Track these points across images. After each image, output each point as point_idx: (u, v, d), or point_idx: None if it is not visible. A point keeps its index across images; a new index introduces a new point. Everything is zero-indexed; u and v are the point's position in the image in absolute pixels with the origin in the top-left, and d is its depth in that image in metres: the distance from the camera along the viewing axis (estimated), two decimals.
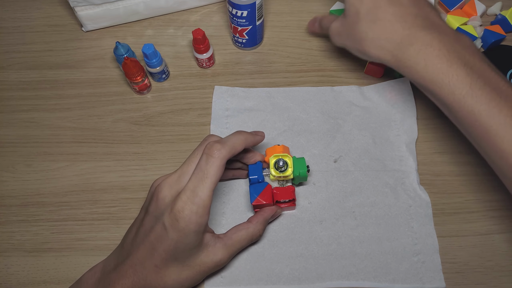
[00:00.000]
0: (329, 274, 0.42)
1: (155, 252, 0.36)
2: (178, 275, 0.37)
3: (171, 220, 0.35)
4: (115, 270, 0.38)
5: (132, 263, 0.37)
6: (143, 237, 0.37)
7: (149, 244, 0.37)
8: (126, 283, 0.37)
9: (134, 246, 0.38)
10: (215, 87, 0.52)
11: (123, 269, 0.37)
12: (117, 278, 0.37)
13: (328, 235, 0.44)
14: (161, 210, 0.37)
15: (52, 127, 0.51)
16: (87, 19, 0.55)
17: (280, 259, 0.43)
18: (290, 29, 0.58)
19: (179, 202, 0.35)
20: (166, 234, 0.36)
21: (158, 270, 0.37)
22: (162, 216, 0.36)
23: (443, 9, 0.58)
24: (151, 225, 0.37)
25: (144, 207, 0.40)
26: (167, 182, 0.37)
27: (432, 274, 0.42)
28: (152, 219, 0.37)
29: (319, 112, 0.51)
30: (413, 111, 0.50)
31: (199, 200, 0.35)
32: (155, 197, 0.38)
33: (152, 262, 0.37)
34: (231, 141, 0.37)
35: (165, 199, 0.37)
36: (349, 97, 0.51)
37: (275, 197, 0.42)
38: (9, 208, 0.46)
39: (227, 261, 0.40)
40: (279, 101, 0.51)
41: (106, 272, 0.39)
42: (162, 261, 0.36)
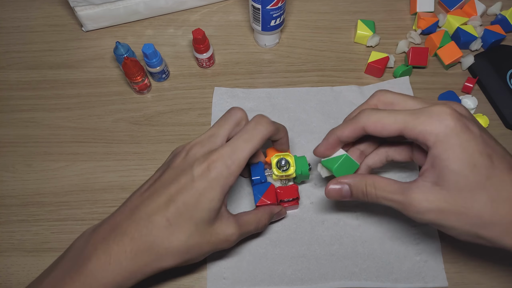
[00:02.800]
0: (332, 274, 0.42)
1: (171, 204, 0.34)
2: (187, 238, 0.34)
3: (201, 170, 0.34)
4: (109, 228, 0.35)
5: (136, 217, 0.34)
6: (159, 188, 0.35)
7: (166, 195, 0.34)
8: (124, 240, 0.33)
9: (143, 199, 0.35)
10: (215, 88, 0.52)
11: (122, 226, 0.34)
12: (111, 235, 0.34)
13: (330, 235, 0.44)
14: (190, 162, 0.35)
15: (52, 127, 0.51)
16: (87, 19, 0.55)
17: (283, 260, 0.43)
18: (290, 29, 0.58)
19: (216, 154, 0.34)
20: (191, 184, 0.34)
21: (168, 225, 0.34)
22: (191, 167, 0.34)
23: (443, 9, 0.58)
24: (173, 177, 0.35)
25: (162, 168, 0.38)
26: (197, 142, 0.36)
27: (435, 274, 0.42)
28: (176, 172, 0.35)
29: (320, 112, 0.50)
30: None
31: (236, 158, 0.34)
32: (183, 153, 0.36)
33: (164, 215, 0.34)
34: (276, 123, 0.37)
35: (196, 154, 0.35)
36: (349, 97, 0.51)
37: (279, 197, 0.42)
38: (9, 208, 0.46)
39: (235, 240, 0.38)
40: (279, 102, 0.51)
41: (97, 231, 0.35)
42: (177, 215, 0.34)
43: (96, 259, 0.33)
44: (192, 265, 0.43)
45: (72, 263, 0.34)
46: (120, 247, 0.33)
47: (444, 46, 0.53)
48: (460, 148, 0.30)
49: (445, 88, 0.52)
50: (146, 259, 0.34)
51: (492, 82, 0.52)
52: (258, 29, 0.53)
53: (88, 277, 0.33)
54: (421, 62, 0.52)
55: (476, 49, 0.55)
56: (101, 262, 0.33)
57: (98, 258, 0.33)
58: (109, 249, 0.33)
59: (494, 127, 0.50)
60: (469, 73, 0.54)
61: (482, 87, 0.52)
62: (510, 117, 0.50)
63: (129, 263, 0.33)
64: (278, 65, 0.55)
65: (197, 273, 0.43)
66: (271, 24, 0.51)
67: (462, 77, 0.54)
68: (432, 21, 0.55)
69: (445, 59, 0.53)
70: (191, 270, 0.43)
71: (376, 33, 0.56)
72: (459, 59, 0.53)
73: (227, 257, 0.43)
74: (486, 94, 0.52)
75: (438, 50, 0.53)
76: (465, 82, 0.52)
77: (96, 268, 0.33)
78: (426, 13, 0.56)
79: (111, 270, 0.33)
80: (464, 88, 0.52)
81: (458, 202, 0.31)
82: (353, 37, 0.57)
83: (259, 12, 0.50)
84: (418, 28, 0.56)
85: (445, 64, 0.53)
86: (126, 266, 0.33)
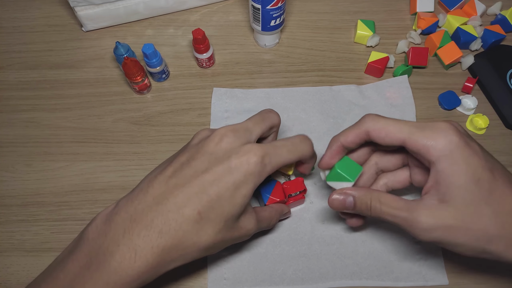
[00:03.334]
0: (332, 274, 0.42)
1: (204, 196, 0.31)
2: (215, 233, 0.33)
3: (240, 163, 0.32)
4: (129, 218, 0.32)
5: (164, 209, 0.31)
6: (190, 177, 0.32)
7: (199, 186, 0.32)
8: (150, 235, 0.31)
9: (171, 188, 0.32)
10: (214, 89, 0.52)
11: (146, 217, 0.31)
12: (135, 229, 0.31)
13: (330, 235, 0.44)
14: (226, 151, 0.33)
15: (52, 127, 0.51)
16: (87, 19, 0.55)
17: (283, 260, 0.43)
18: (290, 29, 0.58)
19: (258, 149, 0.33)
20: (227, 176, 0.32)
21: (199, 219, 0.32)
22: (228, 157, 0.32)
23: (443, 9, 0.58)
24: (207, 165, 0.32)
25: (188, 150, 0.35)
26: (231, 129, 0.34)
27: (435, 272, 0.42)
28: (209, 159, 0.33)
29: (319, 111, 0.51)
30: (412, 110, 0.50)
31: (275, 161, 0.33)
32: (215, 138, 0.33)
33: (196, 208, 0.31)
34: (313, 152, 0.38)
35: (232, 143, 0.33)
36: (348, 96, 0.51)
37: (286, 192, 0.42)
38: (9, 208, 0.46)
39: (251, 234, 0.37)
40: (278, 102, 0.51)
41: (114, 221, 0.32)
42: (209, 208, 0.32)
43: (120, 256, 0.31)
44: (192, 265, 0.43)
45: (90, 258, 0.31)
46: (146, 243, 0.31)
47: (444, 46, 0.53)
48: (464, 163, 0.30)
49: (445, 88, 0.52)
50: (173, 254, 0.32)
51: (492, 82, 0.52)
52: (258, 29, 0.53)
53: (112, 275, 0.31)
54: (421, 62, 0.52)
55: (476, 49, 0.55)
56: (125, 259, 0.31)
57: (122, 255, 0.31)
58: (133, 245, 0.31)
59: (494, 127, 0.50)
60: (469, 73, 0.54)
61: (482, 87, 0.52)
62: (510, 117, 0.50)
63: (156, 259, 0.31)
64: (278, 65, 0.55)
65: (197, 273, 0.43)
66: (271, 24, 0.51)
67: (462, 77, 0.54)
68: (432, 21, 0.55)
69: (445, 59, 0.53)
70: (191, 270, 0.43)
71: (376, 33, 0.56)
72: (459, 59, 0.53)
73: (228, 257, 0.43)
74: (486, 94, 0.52)
75: (438, 50, 0.53)
76: (465, 82, 0.52)
77: (121, 267, 0.31)
78: (426, 13, 0.56)
79: (137, 268, 0.31)
80: (464, 88, 0.52)
81: (465, 217, 0.30)
82: (353, 37, 0.57)
83: (259, 12, 0.50)
84: (418, 28, 0.56)
85: (445, 64, 0.53)
86: (153, 262, 0.31)
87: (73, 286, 0.31)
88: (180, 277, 0.43)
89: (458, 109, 0.51)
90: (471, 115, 0.51)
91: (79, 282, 0.31)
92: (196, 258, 0.34)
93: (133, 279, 0.31)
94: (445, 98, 0.51)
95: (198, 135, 0.36)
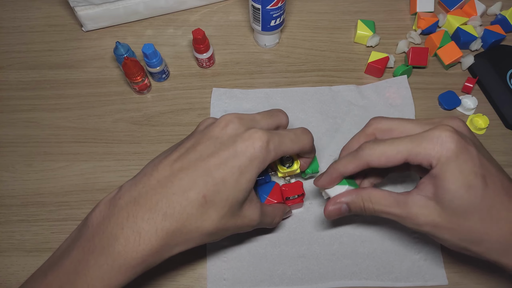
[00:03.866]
0: (332, 274, 0.42)
1: (209, 180, 0.31)
2: (219, 219, 0.32)
3: (245, 147, 0.32)
4: (133, 201, 0.32)
5: (168, 192, 0.31)
6: (196, 161, 0.32)
7: (204, 170, 0.32)
8: (155, 218, 0.31)
9: (175, 171, 0.32)
10: (213, 89, 0.52)
11: (151, 200, 0.31)
12: (139, 212, 0.31)
13: (330, 235, 0.44)
14: (231, 135, 0.33)
15: (52, 127, 0.51)
16: (87, 19, 0.55)
17: (283, 260, 0.43)
18: (290, 29, 0.58)
19: (264, 134, 0.32)
20: (233, 161, 0.32)
21: (204, 203, 0.31)
22: (233, 142, 0.32)
23: (443, 9, 0.58)
24: (212, 150, 0.33)
25: (194, 136, 0.35)
26: (237, 116, 0.34)
27: (435, 272, 0.42)
28: (215, 143, 0.33)
29: (318, 112, 0.50)
30: (411, 110, 0.50)
31: (279, 148, 0.33)
32: (221, 123, 0.34)
33: (201, 191, 0.31)
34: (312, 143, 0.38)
35: (238, 129, 0.33)
36: (348, 97, 0.51)
37: (284, 194, 0.42)
38: (9, 208, 0.46)
39: (254, 226, 0.36)
40: (277, 102, 0.51)
41: (118, 205, 0.32)
42: (214, 192, 0.31)
43: (124, 240, 0.30)
44: (192, 265, 0.43)
45: (94, 243, 0.31)
46: (150, 225, 0.31)
47: (444, 46, 0.53)
48: (457, 170, 0.31)
49: (445, 88, 0.52)
50: (177, 238, 0.32)
51: (492, 82, 0.52)
52: (258, 29, 0.53)
53: (116, 259, 0.30)
54: (421, 62, 0.52)
55: (476, 49, 0.55)
56: (130, 243, 0.30)
57: (126, 238, 0.30)
58: (137, 228, 0.31)
59: (494, 127, 0.50)
60: (469, 73, 0.54)
61: (482, 87, 0.52)
62: (510, 117, 0.50)
63: (160, 242, 0.31)
64: (278, 65, 0.55)
65: (196, 274, 0.43)
66: (271, 24, 0.51)
67: (462, 77, 0.54)
68: (432, 21, 0.55)
69: (445, 59, 0.53)
70: (191, 271, 0.43)
71: (376, 33, 0.56)
72: (459, 59, 0.53)
73: (227, 258, 0.43)
74: (486, 94, 0.52)
75: (438, 50, 0.53)
76: (465, 82, 0.52)
77: (125, 250, 0.30)
78: (426, 13, 0.56)
79: (141, 251, 0.31)
80: (464, 88, 0.52)
81: (451, 219, 0.32)
82: (353, 37, 0.57)
83: (259, 12, 0.50)
84: (418, 28, 0.56)
85: (445, 64, 0.53)
86: (157, 245, 0.31)
87: (78, 271, 0.31)
88: (180, 278, 0.43)
89: (458, 109, 0.51)
90: (471, 115, 0.51)
91: (84, 267, 0.31)
92: (198, 243, 0.33)
93: (137, 263, 0.31)
94: (445, 98, 0.51)
95: (204, 122, 0.37)
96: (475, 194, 0.31)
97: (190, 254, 0.43)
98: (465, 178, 0.31)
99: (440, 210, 0.32)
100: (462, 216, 0.32)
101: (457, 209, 0.32)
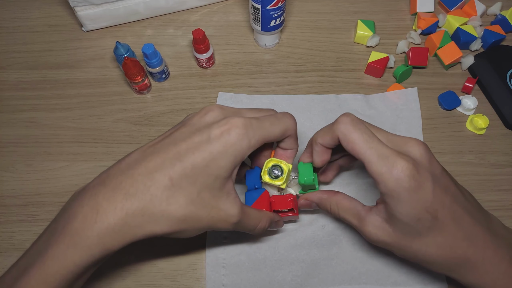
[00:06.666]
0: (331, 279, 0.42)
1: (177, 163, 0.31)
2: (187, 204, 0.31)
3: (220, 132, 0.31)
4: (100, 182, 0.31)
5: (134, 172, 0.31)
6: (168, 145, 0.32)
7: (174, 153, 0.31)
8: (116, 196, 0.30)
9: (146, 155, 0.32)
10: (219, 93, 0.52)
11: (115, 180, 0.31)
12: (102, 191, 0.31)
13: (329, 240, 0.43)
14: (208, 122, 0.33)
15: (52, 127, 0.51)
16: (87, 19, 0.55)
17: (282, 266, 0.42)
18: (290, 29, 0.58)
19: (241, 120, 0.32)
20: (205, 146, 0.31)
21: (170, 185, 0.31)
22: (208, 127, 0.32)
23: (443, 9, 0.58)
24: (186, 135, 0.32)
25: (175, 126, 0.35)
26: (219, 106, 0.34)
27: (434, 276, 0.42)
28: (190, 130, 0.33)
29: (324, 120, 0.50)
30: (418, 123, 0.50)
31: (259, 133, 0.33)
32: (201, 112, 0.34)
33: (168, 173, 0.31)
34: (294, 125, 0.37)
35: (216, 117, 0.33)
36: (354, 106, 0.51)
37: (272, 206, 0.40)
38: (9, 208, 0.46)
39: (233, 224, 0.34)
40: (283, 108, 0.51)
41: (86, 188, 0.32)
42: (182, 176, 0.31)
43: (82, 217, 0.30)
44: (192, 266, 0.43)
45: (57, 224, 0.31)
46: (110, 203, 0.30)
47: (444, 46, 0.53)
48: (408, 206, 0.32)
49: (445, 88, 0.52)
50: (138, 219, 0.31)
51: (492, 82, 0.52)
52: (258, 29, 0.53)
53: (72, 237, 0.30)
54: (421, 62, 0.52)
55: (476, 49, 0.55)
56: (86, 220, 0.30)
57: (84, 216, 0.30)
58: (97, 206, 0.30)
59: (494, 127, 0.50)
60: (469, 73, 0.54)
61: (482, 87, 0.52)
62: (510, 117, 0.50)
63: (118, 222, 0.30)
64: (278, 65, 0.55)
65: (197, 274, 0.43)
66: (271, 24, 0.51)
67: (462, 77, 0.54)
68: (432, 21, 0.55)
69: (445, 59, 0.53)
70: (191, 271, 0.43)
71: (376, 33, 0.56)
72: (459, 59, 0.53)
73: (226, 263, 0.43)
74: (486, 94, 0.52)
75: (438, 50, 0.53)
76: (465, 82, 0.52)
77: (81, 227, 0.30)
78: (426, 13, 0.56)
79: (97, 229, 0.30)
80: (464, 88, 0.52)
81: (400, 241, 0.35)
82: (353, 37, 0.57)
83: (259, 12, 0.50)
84: (418, 28, 0.56)
85: (445, 64, 0.53)
86: (115, 225, 0.30)
87: (40, 253, 0.31)
88: (180, 278, 0.43)
89: (458, 109, 0.51)
90: (471, 115, 0.51)
91: (46, 247, 0.31)
92: (166, 231, 0.32)
93: (93, 242, 0.30)
94: (445, 98, 0.51)
95: (189, 115, 0.36)
96: (423, 225, 0.33)
97: (191, 254, 0.43)
98: (415, 213, 0.32)
99: (392, 232, 0.34)
100: (409, 241, 0.34)
101: (406, 235, 0.34)
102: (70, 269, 0.30)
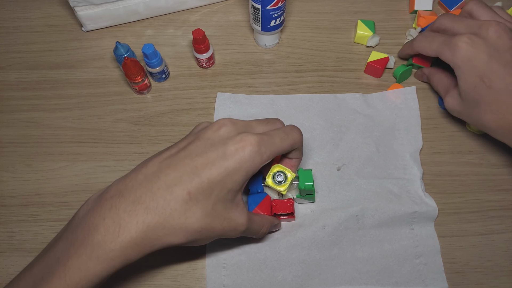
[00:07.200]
0: (332, 280, 0.42)
1: (195, 177, 0.32)
2: (203, 217, 0.33)
3: (235, 149, 0.33)
4: (118, 194, 0.32)
5: (153, 186, 0.32)
6: (184, 159, 0.33)
7: (191, 167, 0.33)
8: (137, 210, 0.31)
9: (163, 167, 0.33)
10: (218, 93, 0.52)
11: (135, 194, 0.32)
12: (122, 204, 0.31)
13: (329, 240, 0.43)
14: (222, 138, 0.34)
15: (52, 127, 0.51)
16: (87, 19, 0.55)
17: (282, 266, 0.42)
18: (290, 29, 0.58)
19: (254, 137, 0.33)
20: (220, 162, 0.33)
21: (188, 199, 0.32)
22: (224, 144, 0.33)
23: (443, 9, 0.58)
24: (202, 150, 0.33)
25: (187, 138, 0.36)
26: (231, 120, 0.35)
27: (435, 276, 0.42)
28: (205, 144, 0.34)
29: (323, 119, 0.50)
30: (417, 121, 0.50)
31: (270, 149, 0.34)
32: (214, 126, 0.35)
33: (186, 188, 0.32)
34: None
35: (230, 132, 0.34)
36: (353, 105, 0.51)
37: (273, 210, 0.42)
38: (9, 208, 0.46)
39: (241, 232, 0.37)
40: (282, 108, 0.51)
41: (104, 198, 0.33)
42: (198, 190, 0.32)
43: (104, 230, 0.31)
44: (192, 266, 0.43)
45: (77, 234, 0.32)
46: (132, 217, 0.31)
47: None
48: (466, 74, 0.42)
49: None
50: (158, 232, 0.32)
51: None
52: (258, 29, 0.53)
53: (94, 249, 0.31)
54: (424, 63, 0.52)
55: None
56: (109, 233, 0.31)
57: (106, 229, 0.31)
58: (119, 219, 0.31)
59: None
60: None
61: None
62: None
63: (140, 235, 0.31)
64: (278, 65, 0.55)
65: (197, 274, 0.43)
66: (271, 24, 0.51)
67: None
68: (432, 19, 0.54)
69: None
70: (191, 271, 0.43)
71: (376, 33, 0.56)
72: None
73: (227, 264, 0.43)
74: None
75: None
76: None
77: (104, 240, 0.31)
78: (426, 11, 0.56)
79: (120, 242, 0.31)
80: None
81: (466, 110, 0.44)
82: (353, 37, 0.57)
83: (259, 12, 0.50)
84: (418, 26, 0.55)
85: None
86: (137, 238, 0.31)
87: (60, 262, 0.31)
88: (180, 278, 0.43)
89: None
90: None
91: (65, 258, 0.31)
92: (182, 242, 0.33)
93: (116, 255, 0.31)
94: None
95: (199, 126, 0.38)
96: (479, 93, 0.41)
97: (191, 254, 0.43)
98: (472, 81, 0.41)
99: (461, 102, 0.44)
100: (469, 107, 0.43)
101: (468, 102, 0.43)
102: (92, 279, 0.31)
